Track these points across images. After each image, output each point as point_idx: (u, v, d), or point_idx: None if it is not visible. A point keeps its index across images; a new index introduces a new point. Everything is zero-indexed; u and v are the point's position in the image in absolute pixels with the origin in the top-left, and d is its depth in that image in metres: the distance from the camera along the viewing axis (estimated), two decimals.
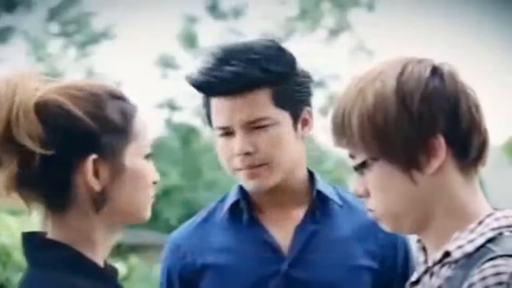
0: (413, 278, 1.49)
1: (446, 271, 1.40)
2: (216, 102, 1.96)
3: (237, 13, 20.92)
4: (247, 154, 1.94)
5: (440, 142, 1.40)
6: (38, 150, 1.44)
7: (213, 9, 20.90)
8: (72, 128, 1.46)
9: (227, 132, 1.96)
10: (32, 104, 1.45)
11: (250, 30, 20.23)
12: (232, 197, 2.06)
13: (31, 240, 1.51)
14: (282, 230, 2.01)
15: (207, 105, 1.99)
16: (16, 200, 1.51)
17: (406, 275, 2.03)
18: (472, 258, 1.36)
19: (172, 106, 20.53)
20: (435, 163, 1.41)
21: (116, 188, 1.50)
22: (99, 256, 1.52)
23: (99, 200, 1.49)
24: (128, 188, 1.51)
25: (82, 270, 1.47)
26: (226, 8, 20.91)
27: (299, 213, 2.03)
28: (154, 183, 1.57)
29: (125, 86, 18.76)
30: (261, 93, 1.94)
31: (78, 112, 1.47)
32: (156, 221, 17.45)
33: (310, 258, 1.99)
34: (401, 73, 1.42)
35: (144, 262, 13.64)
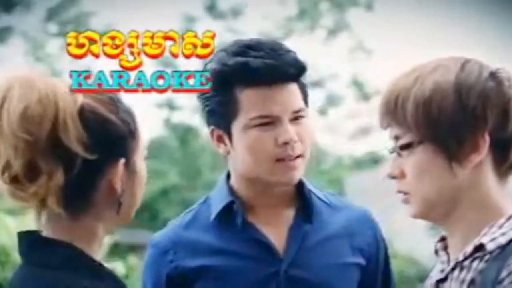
0: (439, 275, 1.53)
1: (478, 265, 1.46)
2: (260, 91, 1.92)
3: (235, 13, 20.92)
4: (294, 143, 1.93)
5: (486, 140, 1.46)
6: (84, 155, 1.42)
7: (212, 9, 20.90)
8: (110, 132, 1.46)
9: (267, 122, 1.93)
10: (76, 110, 1.43)
11: (249, 30, 20.23)
12: (222, 199, 2.03)
13: (29, 238, 1.51)
14: (275, 230, 2.01)
15: (226, 96, 1.94)
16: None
17: (387, 272, 2.11)
18: (506, 250, 1.43)
19: (171, 106, 20.53)
20: (475, 159, 1.47)
21: (128, 191, 1.51)
22: (97, 255, 1.52)
23: (119, 203, 1.49)
24: (135, 191, 1.52)
25: (84, 268, 1.47)
26: (224, 8, 20.92)
27: (289, 214, 2.03)
28: None
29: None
30: (296, 85, 1.96)
31: (111, 116, 1.47)
32: (154, 221, 17.46)
33: (306, 258, 2.00)
34: (462, 69, 1.48)
35: (143, 262, 13.64)
